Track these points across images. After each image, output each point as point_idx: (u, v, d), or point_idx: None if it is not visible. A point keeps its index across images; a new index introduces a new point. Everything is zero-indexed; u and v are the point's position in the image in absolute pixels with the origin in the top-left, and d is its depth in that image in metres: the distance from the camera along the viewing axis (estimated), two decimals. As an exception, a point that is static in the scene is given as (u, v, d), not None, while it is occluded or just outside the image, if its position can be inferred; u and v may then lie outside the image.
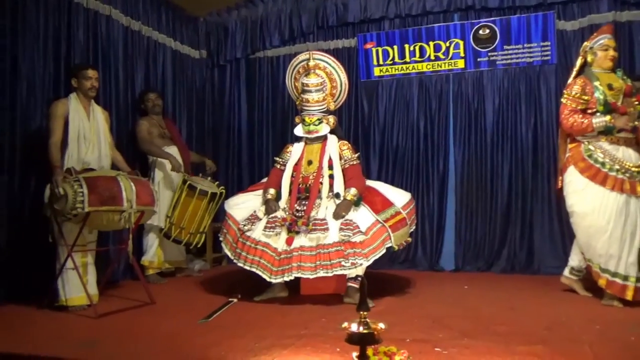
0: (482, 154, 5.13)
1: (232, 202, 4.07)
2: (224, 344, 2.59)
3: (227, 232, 3.85)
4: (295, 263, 3.45)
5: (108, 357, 2.43)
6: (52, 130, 3.52)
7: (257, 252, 3.56)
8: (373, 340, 1.86)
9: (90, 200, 3.24)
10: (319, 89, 3.94)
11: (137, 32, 5.00)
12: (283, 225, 3.60)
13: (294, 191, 3.85)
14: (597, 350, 2.45)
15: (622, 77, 3.62)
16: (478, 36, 5.18)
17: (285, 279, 3.51)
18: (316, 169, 3.87)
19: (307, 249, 3.47)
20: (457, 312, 3.32)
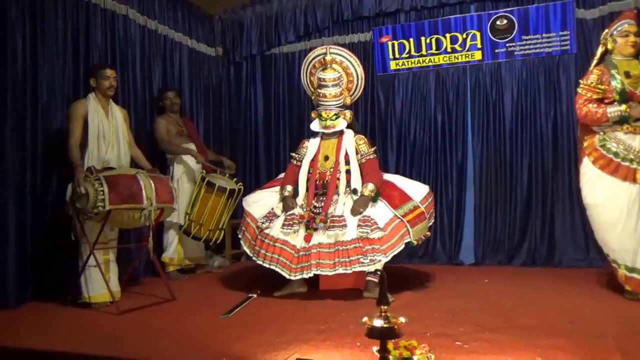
0: (501, 147, 5.07)
1: (250, 200, 4.06)
2: (244, 339, 2.61)
3: (245, 230, 3.86)
4: (314, 260, 3.44)
5: (131, 353, 2.46)
6: (71, 130, 3.58)
7: (275, 249, 3.56)
8: (393, 335, 1.85)
9: (110, 199, 3.28)
10: (336, 84, 3.92)
11: (153, 31, 5.04)
12: (301, 222, 3.61)
13: (311, 187, 3.84)
14: (622, 343, 2.41)
15: None
16: (495, 27, 5.11)
17: (304, 276, 3.51)
18: (333, 164, 3.85)
19: (326, 245, 3.47)
20: (477, 306, 3.29)
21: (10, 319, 3.19)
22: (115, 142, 3.75)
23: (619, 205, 3.32)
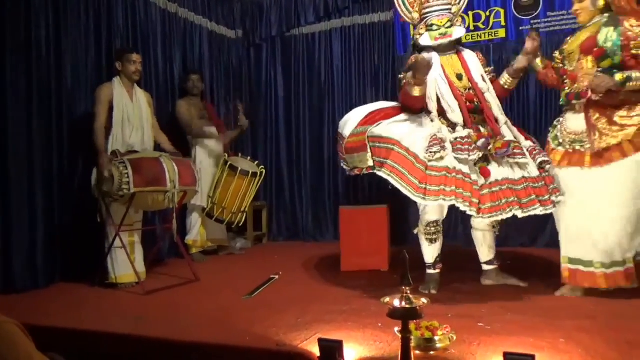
0: (525, 125, 4.96)
1: (393, 131, 3.12)
2: (267, 320, 2.64)
3: (400, 167, 2.96)
4: (506, 199, 2.85)
5: (156, 332, 2.52)
6: (97, 114, 3.63)
7: (452, 180, 2.84)
8: (415, 315, 1.85)
9: (135, 182, 3.33)
10: None
11: (174, 14, 5.05)
12: (477, 146, 2.92)
13: (464, 107, 3.13)
14: (648, 325, 2.38)
15: (600, 28, 2.99)
16: (520, 3, 4.99)
17: (497, 218, 2.95)
18: (469, 84, 3.20)
19: (514, 182, 2.92)
20: (499, 287, 3.28)
21: (40, 299, 3.29)
22: (140, 126, 3.79)
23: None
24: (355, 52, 5.67)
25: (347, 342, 2.15)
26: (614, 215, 2.88)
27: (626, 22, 2.91)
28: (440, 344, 2.11)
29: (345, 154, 3.27)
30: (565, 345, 2.13)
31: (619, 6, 3.00)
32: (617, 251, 2.89)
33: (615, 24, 2.94)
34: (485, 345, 2.15)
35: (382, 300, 1.92)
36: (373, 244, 4.03)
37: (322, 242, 5.52)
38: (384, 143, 3.07)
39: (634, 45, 2.88)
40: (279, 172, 5.95)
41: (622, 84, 2.84)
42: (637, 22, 2.90)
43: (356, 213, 4.31)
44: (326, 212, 5.72)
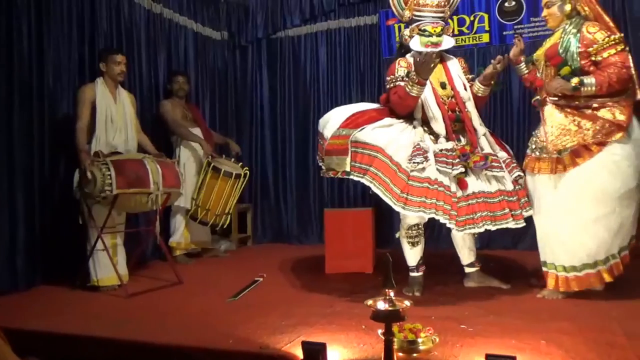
0: (509, 129, 5.03)
1: (377, 138, 3.11)
2: (251, 322, 2.64)
3: (382, 174, 3.00)
4: (480, 213, 2.93)
5: (139, 335, 2.50)
6: (79, 115, 3.59)
7: (433, 192, 2.90)
8: (398, 318, 1.87)
9: (118, 183, 3.31)
10: None
11: (158, 15, 5.01)
12: (459, 159, 2.98)
13: (447, 119, 3.15)
14: (627, 326, 2.41)
15: (563, 34, 3.03)
16: (504, 9, 5.05)
17: (472, 231, 3.04)
18: (452, 92, 3.22)
19: (489, 195, 3.00)
20: (481, 289, 3.31)
21: (20, 302, 3.24)
22: (123, 127, 3.76)
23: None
24: (340, 55, 5.69)
25: (331, 344, 2.15)
26: (577, 220, 2.93)
27: (584, 28, 2.96)
28: (423, 346, 2.11)
29: (323, 155, 3.26)
30: (546, 347, 2.16)
31: (584, 12, 3.06)
32: (584, 254, 2.93)
33: (577, 29, 2.99)
34: (468, 347, 2.17)
35: (366, 302, 1.93)
36: (357, 247, 4.04)
37: (307, 245, 5.52)
38: (368, 150, 3.08)
39: (592, 51, 2.93)
40: (264, 174, 5.94)
41: (575, 89, 2.90)
42: (595, 28, 2.94)
43: (341, 215, 4.32)
44: (311, 214, 5.72)
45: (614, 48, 2.91)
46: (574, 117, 2.96)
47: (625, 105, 2.93)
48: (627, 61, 2.92)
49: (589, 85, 2.88)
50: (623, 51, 2.93)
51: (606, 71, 2.88)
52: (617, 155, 2.89)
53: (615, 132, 2.88)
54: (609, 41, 2.91)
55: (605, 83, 2.86)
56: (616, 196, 2.89)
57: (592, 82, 2.88)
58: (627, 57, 2.94)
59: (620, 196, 2.90)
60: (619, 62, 2.88)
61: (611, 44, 2.91)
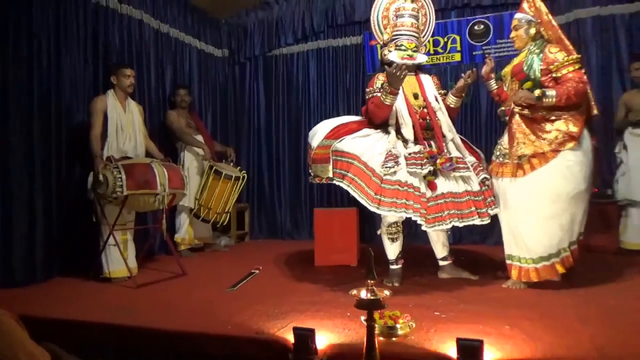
0: (477, 138, 5.06)
1: (354, 147, 3.13)
2: (247, 310, 2.62)
3: (359, 180, 3.02)
4: (448, 211, 2.95)
5: (146, 322, 2.47)
6: (92, 124, 3.56)
7: (402, 193, 2.92)
8: (379, 306, 1.86)
9: (128, 185, 3.28)
10: (414, 15, 3.35)
11: (165, 34, 4.99)
12: (428, 160, 2.99)
13: (417, 126, 3.17)
14: (581, 313, 2.44)
15: (528, 54, 3.08)
16: (473, 31, 5.09)
17: (441, 228, 3.04)
18: (423, 103, 3.24)
19: (457, 195, 3.01)
20: (454, 280, 3.31)
21: (38, 292, 3.19)
22: (132, 135, 3.73)
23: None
24: (329, 71, 5.70)
25: (319, 330, 2.15)
26: (534, 218, 2.96)
27: (546, 49, 3.02)
28: (401, 331, 2.10)
29: (311, 163, 3.27)
30: (510, 331, 2.17)
31: (547, 35, 3.11)
32: (540, 249, 2.96)
33: (540, 50, 3.04)
34: (441, 332, 2.17)
35: (350, 292, 1.92)
36: (344, 242, 4.04)
37: (299, 240, 5.51)
38: (346, 157, 3.10)
39: (553, 68, 2.98)
40: (260, 177, 5.92)
41: (538, 99, 2.93)
42: (557, 49, 3.00)
43: (329, 214, 4.32)
44: (303, 213, 5.71)
45: (573, 66, 2.95)
46: (533, 127, 3.00)
47: (578, 119, 2.97)
48: (582, 78, 2.96)
49: (550, 96, 2.92)
50: (580, 69, 2.98)
51: (565, 85, 2.92)
52: (569, 161, 2.93)
53: (568, 141, 2.93)
54: (569, 60, 2.96)
55: (564, 95, 2.90)
56: (568, 197, 2.93)
57: (553, 94, 2.92)
58: (582, 74, 2.98)
59: (572, 197, 2.94)
60: (576, 77, 2.93)
61: (570, 63, 2.96)
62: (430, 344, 2.04)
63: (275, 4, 5.82)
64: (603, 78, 4.69)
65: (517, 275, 3.04)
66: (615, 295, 2.75)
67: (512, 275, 3.07)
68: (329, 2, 5.57)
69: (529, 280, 3.01)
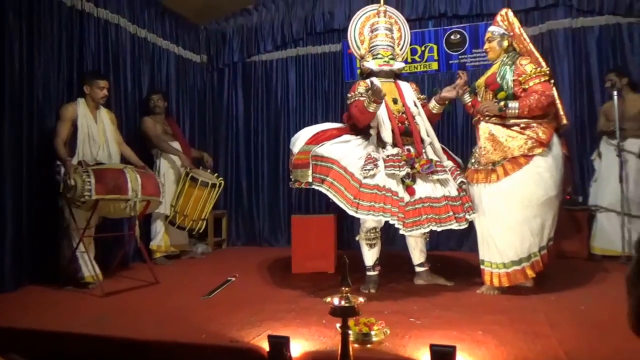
0: (454, 146, 5.12)
1: (333, 152, 3.15)
2: (223, 318, 2.60)
3: (339, 185, 3.03)
4: (426, 215, 2.97)
5: (118, 331, 2.43)
6: (58, 131, 3.51)
7: (380, 197, 2.94)
8: (353, 313, 1.87)
9: (96, 189, 3.24)
10: (389, 29, 3.48)
11: (143, 39, 4.94)
12: (406, 163, 3.03)
13: (396, 131, 3.22)
14: (551, 318, 2.48)
15: (501, 65, 3.17)
16: (450, 41, 5.18)
17: (419, 232, 3.09)
18: (402, 108, 3.31)
19: (435, 200, 3.03)
20: (429, 286, 3.35)
21: (7, 302, 3.10)
22: (104, 144, 3.70)
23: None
24: (308, 78, 5.72)
25: (294, 337, 2.14)
26: (506, 222, 3.02)
27: (518, 61, 3.12)
28: (376, 337, 2.13)
29: (292, 169, 3.30)
30: (482, 337, 2.19)
31: (518, 48, 3.21)
32: (512, 253, 3.02)
33: (512, 62, 3.14)
34: (415, 338, 2.19)
35: (325, 299, 1.93)
36: (321, 249, 4.04)
37: (277, 247, 5.49)
38: (325, 162, 3.12)
39: (522, 80, 3.07)
40: (239, 184, 5.89)
41: (500, 110, 3.05)
42: (527, 61, 3.10)
43: (306, 221, 4.31)
44: (281, 220, 5.70)
45: (539, 78, 3.05)
46: (504, 135, 3.07)
47: (547, 127, 3.07)
48: (548, 90, 3.05)
49: (513, 108, 3.03)
50: (547, 82, 3.08)
51: (529, 97, 3.01)
52: (540, 168, 3.01)
53: (537, 147, 3.02)
54: (537, 72, 3.05)
55: (526, 107, 3.00)
56: (539, 202, 3.01)
57: (515, 105, 3.03)
58: (549, 86, 3.08)
59: (543, 203, 3.02)
60: (540, 90, 3.02)
61: (537, 75, 3.05)
62: (405, 351, 2.05)
63: (255, 10, 5.83)
64: (574, 88, 4.82)
65: (489, 280, 3.09)
66: (584, 300, 2.81)
67: (485, 280, 3.12)
68: (308, 9, 5.61)
69: (501, 285, 3.06)
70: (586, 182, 4.57)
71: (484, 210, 3.10)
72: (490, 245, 3.08)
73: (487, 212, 3.08)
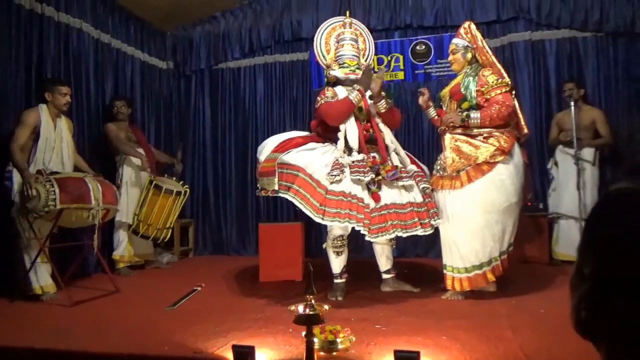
0: (420, 153, 5.21)
1: (299, 160, 3.16)
2: (187, 329, 2.54)
3: (304, 192, 3.04)
4: (391, 221, 2.99)
5: (76, 345, 2.34)
6: (18, 136, 3.38)
7: (345, 204, 2.96)
8: (318, 321, 1.87)
9: (61, 199, 3.15)
10: (354, 40, 3.55)
11: (106, 44, 4.84)
12: (371, 170, 3.05)
13: (362, 137, 3.26)
14: (512, 322, 2.54)
15: (465, 76, 3.26)
16: (415, 51, 5.29)
17: (384, 238, 3.10)
18: (366, 116, 3.35)
19: (400, 206, 3.06)
20: (396, 293, 3.37)
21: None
22: (59, 151, 3.59)
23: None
24: (275, 86, 5.73)
25: (260, 347, 2.12)
26: (468, 228, 3.10)
27: (480, 72, 3.23)
28: (342, 345, 2.13)
29: (258, 177, 3.29)
30: (446, 342, 2.23)
31: (481, 59, 3.32)
32: (473, 257, 3.09)
33: (475, 73, 3.24)
34: (380, 345, 2.20)
35: (289, 308, 1.92)
36: (289, 257, 4.02)
37: (245, 256, 5.44)
38: (291, 169, 3.12)
39: (484, 90, 3.17)
40: (206, 192, 5.82)
41: (463, 120, 3.15)
42: (489, 72, 3.21)
43: (274, 229, 4.30)
44: (249, 228, 5.65)
45: (501, 89, 3.15)
46: (468, 144, 3.16)
47: (509, 136, 3.17)
48: (508, 100, 3.16)
49: (475, 118, 3.14)
50: (508, 92, 3.18)
51: (491, 108, 3.11)
52: (503, 175, 3.11)
53: (499, 155, 3.12)
54: (498, 83, 3.16)
55: (488, 117, 3.10)
56: (501, 208, 3.10)
57: (477, 116, 3.13)
58: (509, 97, 3.19)
59: (504, 209, 3.11)
60: (501, 100, 3.12)
61: (499, 86, 3.15)
62: (370, 357, 2.06)
63: (222, 17, 5.81)
64: (534, 98, 4.99)
65: (451, 284, 3.15)
66: (544, 304, 2.89)
67: (447, 284, 3.18)
68: (276, 18, 5.63)
69: (462, 289, 3.12)
70: (546, 189, 4.72)
71: (448, 216, 3.16)
72: (453, 250, 3.14)
73: (451, 217, 3.15)
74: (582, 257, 0.58)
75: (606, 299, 0.52)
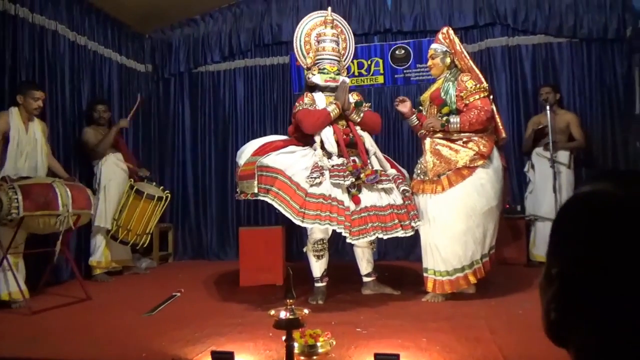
0: (400, 157, 5.25)
1: (278, 163, 3.13)
2: (165, 335, 2.50)
3: (284, 195, 3.01)
4: (372, 223, 3.00)
5: (53, 352, 2.29)
6: None
7: (326, 206, 2.95)
8: (297, 325, 1.85)
9: (25, 206, 3.08)
10: (335, 40, 3.47)
11: (83, 46, 4.76)
12: (351, 173, 3.05)
13: (341, 142, 3.25)
14: (491, 323, 2.57)
15: (444, 81, 3.29)
16: (395, 56, 5.33)
17: (365, 240, 3.10)
18: (345, 121, 3.34)
19: (380, 208, 3.07)
20: (376, 296, 3.38)
21: None
22: (33, 156, 3.52)
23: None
24: (256, 90, 5.71)
25: (240, 352, 2.10)
26: (450, 232, 3.13)
27: (459, 77, 3.26)
28: (322, 349, 2.11)
29: (238, 180, 3.27)
30: (426, 344, 2.24)
31: (460, 64, 3.35)
32: (455, 261, 3.12)
33: (454, 78, 3.28)
34: (361, 348, 2.20)
35: (269, 312, 1.90)
36: (269, 261, 4.00)
37: (226, 261, 5.38)
38: (270, 172, 3.10)
39: (463, 95, 3.21)
40: (185, 196, 5.75)
41: (442, 126, 3.19)
42: (468, 77, 3.24)
43: (254, 233, 4.27)
44: (229, 232, 5.60)
45: (479, 94, 3.20)
46: (448, 148, 3.19)
47: (488, 140, 3.21)
48: (487, 105, 3.20)
49: (455, 123, 3.17)
50: (486, 97, 3.22)
51: (469, 113, 3.15)
52: (483, 179, 3.15)
53: (478, 159, 3.16)
54: (476, 88, 3.20)
55: (467, 122, 3.14)
56: (482, 212, 3.14)
57: (457, 121, 3.17)
58: (488, 102, 3.23)
59: (485, 212, 3.15)
60: (479, 105, 3.16)
61: (477, 91, 3.20)
62: (350, 361, 2.05)
63: (202, 20, 5.77)
64: (511, 103, 5.08)
65: (432, 287, 3.17)
66: (522, 305, 2.92)
67: (428, 287, 3.20)
68: (257, 21, 5.61)
69: (444, 292, 3.14)
70: (523, 192, 4.80)
71: (429, 220, 3.19)
72: (435, 253, 3.16)
73: (432, 221, 3.17)
74: (549, 259, 0.59)
75: (574, 298, 0.53)
